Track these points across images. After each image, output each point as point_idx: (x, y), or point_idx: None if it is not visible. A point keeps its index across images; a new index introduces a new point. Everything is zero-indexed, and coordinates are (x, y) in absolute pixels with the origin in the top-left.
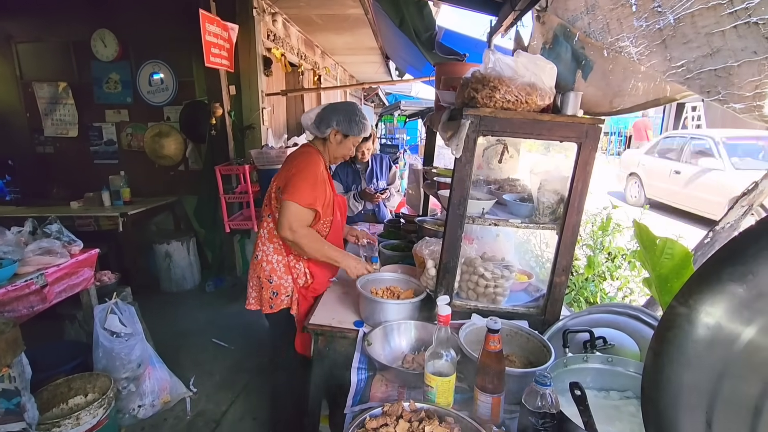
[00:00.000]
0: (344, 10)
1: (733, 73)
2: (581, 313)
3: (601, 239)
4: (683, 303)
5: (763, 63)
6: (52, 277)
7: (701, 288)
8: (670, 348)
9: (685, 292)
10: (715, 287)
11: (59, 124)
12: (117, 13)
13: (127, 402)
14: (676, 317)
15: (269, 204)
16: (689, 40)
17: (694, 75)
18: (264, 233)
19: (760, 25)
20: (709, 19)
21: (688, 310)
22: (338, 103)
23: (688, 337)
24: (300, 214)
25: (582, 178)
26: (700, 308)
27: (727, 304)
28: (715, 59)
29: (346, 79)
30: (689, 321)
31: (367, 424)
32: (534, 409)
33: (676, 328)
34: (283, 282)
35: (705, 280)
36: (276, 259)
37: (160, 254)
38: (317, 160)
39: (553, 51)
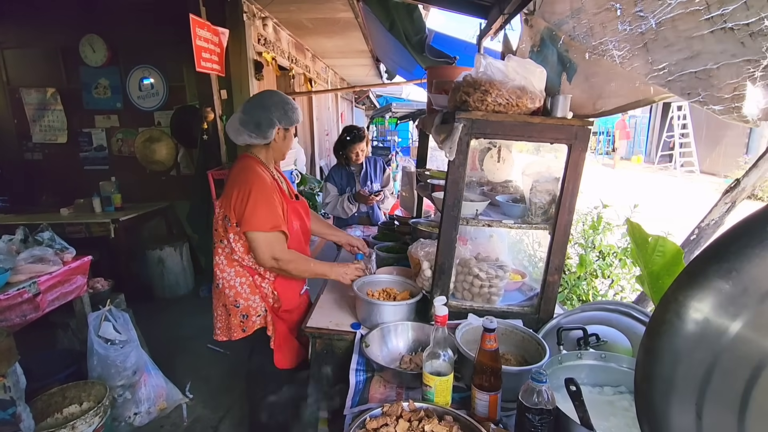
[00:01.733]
0: (334, 14)
1: (712, 75)
2: (574, 311)
3: (592, 238)
4: (673, 300)
5: (741, 65)
6: (44, 285)
7: (689, 285)
8: (661, 343)
9: (674, 289)
10: (702, 284)
11: (48, 131)
12: (106, 18)
13: (123, 410)
14: (666, 313)
15: (217, 230)
16: (670, 44)
17: (675, 77)
18: (221, 260)
19: (735, 31)
20: (689, 23)
21: (677, 306)
22: (260, 98)
23: (678, 332)
24: (272, 241)
25: (573, 179)
26: (688, 304)
27: (714, 299)
28: (695, 62)
29: (337, 82)
30: (678, 316)
31: (368, 424)
32: (531, 406)
33: (667, 323)
34: (252, 303)
35: (693, 278)
36: (239, 282)
37: (153, 260)
38: (260, 174)
39: (540, 54)
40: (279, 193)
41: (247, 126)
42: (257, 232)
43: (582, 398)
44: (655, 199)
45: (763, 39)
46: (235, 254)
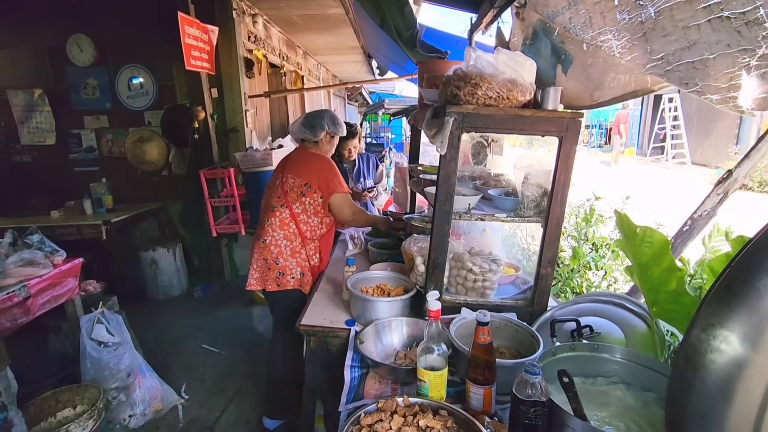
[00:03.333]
0: (325, 10)
1: (709, 65)
2: (568, 304)
3: (585, 230)
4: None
5: (736, 55)
6: (35, 289)
7: (734, 304)
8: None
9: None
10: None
11: (36, 132)
12: (93, 17)
13: (118, 412)
14: (710, 339)
15: (283, 195)
16: (668, 33)
17: (673, 67)
18: (274, 221)
19: (731, 19)
20: (685, 12)
21: (722, 329)
22: (319, 110)
23: (729, 360)
24: (350, 201)
25: (564, 172)
26: (734, 327)
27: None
28: (692, 52)
29: (329, 79)
30: (727, 342)
31: (362, 420)
32: (524, 398)
33: (713, 351)
34: (289, 264)
35: (737, 294)
36: (284, 244)
37: (146, 261)
38: (326, 155)
39: (533, 47)
40: None
41: (305, 126)
42: (343, 194)
43: (575, 389)
44: (648, 191)
45: (759, 28)
46: (293, 220)
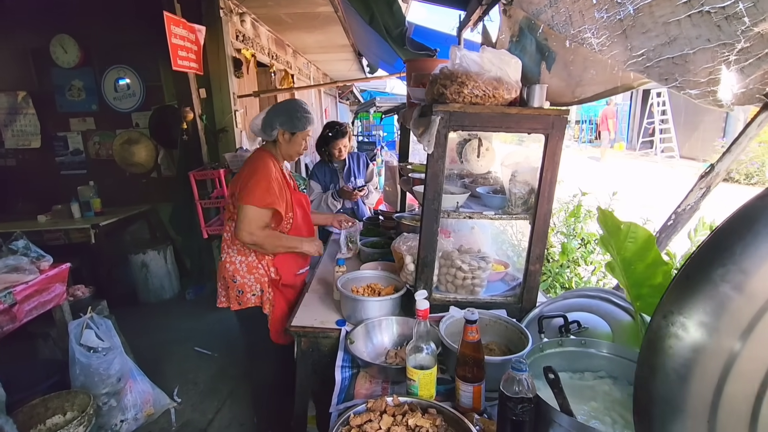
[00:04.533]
0: (313, 9)
1: (689, 60)
2: (556, 299)
3: (573, 226)
4: (676, 311)
5: (716, 50)
6: (21, 296)
7: (692, 293)
8: (666, 360)
9: (675, 298)
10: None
11: (20, 135)
12: (77, 17)
13: (109, 418)
14: (669, 326)
15: (228, 209)
16: (648, 30)
17: (653, 63)
18: (227, 237)
19: (712, 14)
20: (665, 8)
21: (681, 317)
22: (280, 103)
23: (685, 346)
24: (257, 217)
25: (551, 168)
26: (693, 315)
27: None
28: (672, 47)
29: (319, 77)
30: (685, 328)
31: (352, 421)
32: (512, 395)
33: (672, 338)
34: (247, 281)
35: (695, 284)
36: (239, 260)
37: (136, 264)
38: (268, 163)
39: (519, 43)
40: (285, 183)
41: (262, 124)
42: (251, 206)
43: (561, 385)
44: (637, 186)
45: (738, 22)
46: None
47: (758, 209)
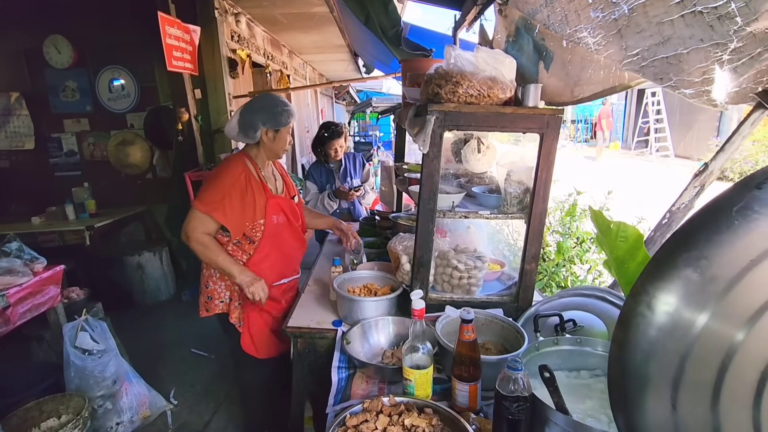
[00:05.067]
0: (309, 9)
1: (683, 60)
2: (552, 298)
3: (569, 225)
4: (643, 291)
5: (709, 50)
6: (14, 298)
7: (658, 275)
8: (633, 336)
9: (643, 280)
10: (671, 274)
11: (14, 137)
12: (70, 17)
13: (105, 420)
14: (637, 306)
15: None
16: (642, 30)
17: (648, 63)
18: None
19: (704, 14)
20: (659, 8)
21: (647, 297)
22: (253, 101)
23: (650, 324)
24: (196, 220)
25: (546, 168)
26: (658, 295)
27: (684, 289)
28: (666, 47)
29: (315, 78)
30: (650, 308)
31: (348, 421)
32: (507, 394)
33: (638, 316)
34: (217, 288)
35: (661, 267)
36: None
37: (132, 266)
38: (234, 168)
39: (516, 43)
40: (256, 189)
41: (240, 127)
42: (193, 209)
43: (556, 384)
44: (632, 185)
45: (730, 22)
46: None
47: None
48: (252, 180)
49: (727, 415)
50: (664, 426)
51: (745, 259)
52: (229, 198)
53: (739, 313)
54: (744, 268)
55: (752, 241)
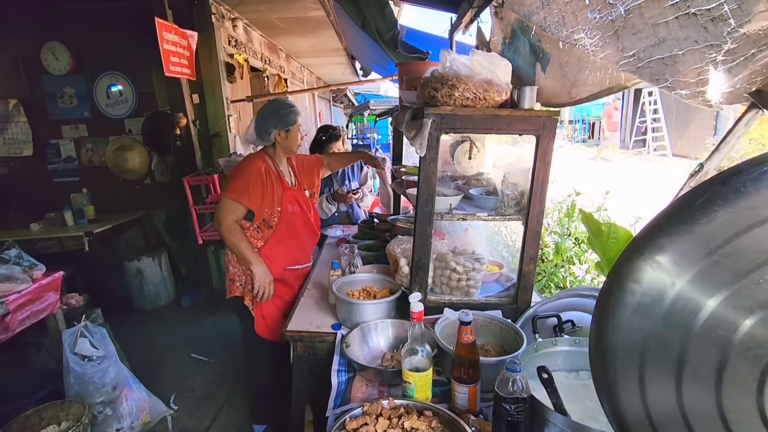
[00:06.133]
0: (305, 13)
1: (678, 61)
2: (551, 299)
3: (567, 225)
4: (616, 273)
5: (703, 51)
6: (13, 305)
7: (629, 260)
8: (606, 314)
9: (618, 264)
10: (639, 257)
11: (12, 144)
12: (67, 24)
13: (105, 426)
14: (610, 287)
15: None
16: (638, 31)
17: (644, 64)
18: None
19: (698, 16)
20: (654, 10)
21: (619, 279)
22: (264, 108)
23: (620, 303)
24: (227, 208)
25: (542, 169)
26: (628, 277)
27: (650, 272)
28: (662, 48)
29: (313, 81)
30: (620, 289)
31: (348, 425)
32: (506, 396)
33: (610, 296)
34: (236, 271)
35: (632, 253)
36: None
37: (131, 272)
38: (255, 161)
39: (512, 45)
40: (274, 181)
41: (257, 134)
42: (223, 197)
43: (554, 385)
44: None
45: (724, 24)
46: None
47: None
48: (271, 173)
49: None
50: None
51: (706, 248)
52: (253, 186)
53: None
54: (704, 255)
55: (712, 232)
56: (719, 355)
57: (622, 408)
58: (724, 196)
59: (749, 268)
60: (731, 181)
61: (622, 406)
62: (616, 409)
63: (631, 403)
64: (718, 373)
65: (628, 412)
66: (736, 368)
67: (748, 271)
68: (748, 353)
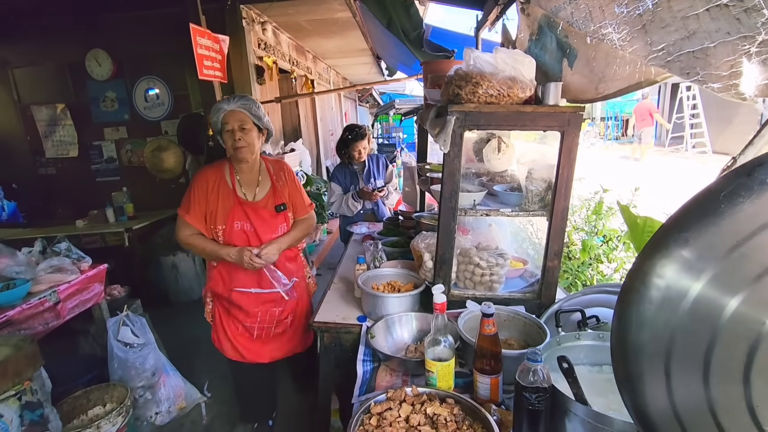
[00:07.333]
0: (332, 15)
1: (709, 54)
2: (576, 295)
3: (594, 223)
4: (639, 269)
5: (736, 43)
6: (64, 294)
7: (653, 254)
8: (630, 309)
9: (641, 259)
10: (663, 253)
11: (59, 145)
12: (109, 32)
13: (145, 410)
14: (633, 281)
15: None
16: (667, 24)
17: (674, 58)
18: None
19: (730, 7)
20: (683, 3)
21: (642, 274)
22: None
23: (644, 298)
24: (178, 222)
25: (567, 165)
26: (652, 272)
27: (674, 266)
28: (692, 41)
29: (339, 82)
30: (644, 284)
31: (373, 409)
32: (527, 385)
33: (633, 291)
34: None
35: (655, 248)
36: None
37: (167, 266)
38: (204, 173)
39: (539, 42)
40: (222, 194)
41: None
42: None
43: (575, 375)
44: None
45: (757, 14)
46: None
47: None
48: (222, 185)
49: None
50: (661, 400)
51: (731, 241)
52: (196, 200)
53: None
54: (730, 248)
55: (737, 224)
56: (747, 349)
57: (647, 404)
58: (749, 188)
59: None
60: (756, 172)
61: (647, 401)
62: (640, 405)
63: (656, 398)
64: (747, 367)
65: (653, 407)
66: (764, 363)
67: None
68: None
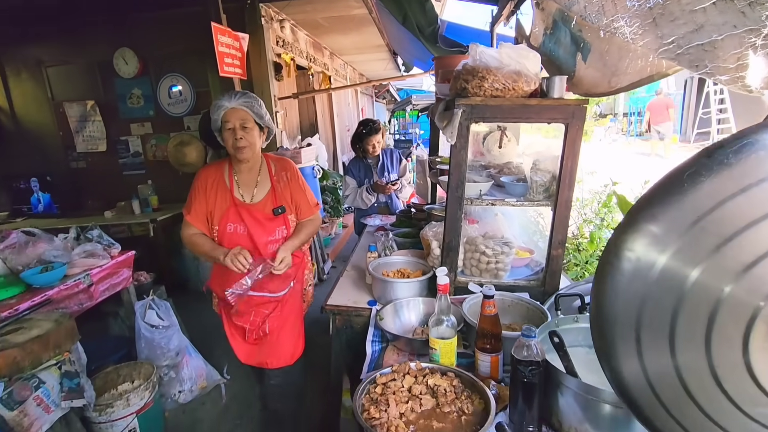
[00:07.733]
0: (349, 11)
1: (717, 46)
2: (579, 283)
3: (604, 216)
4: (612, 243)
5: (742, 36)
6: (96, 277)
7: (624, 229)
8: (604, 282)
9: (614, 235)
10: (633, 227)
11: (89, 140)
12: (136, 31)
13: (169, 387)
14: (608, 256)
15: None
16: (676, 18)
17: (684, 50)
18: None
19: (734, 1)
20: None
21: (615, 248)
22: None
23: (616, 271)
24: (183, 223)
25: (571, 156)
26: (623, 246)
27: (643, 240)
28: (700, 34)
29: (355, 78)
30: (617, 257)
31: (378, 379)
32: (522, 359)
33: (608, 264)
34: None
35: (627, 223)
36: None
37: (189, 256)
38: (204, 171)
39: (553, 36)
40: (219, 194)
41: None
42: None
43: (566, 348)
44: None
45: (762, 8)
46: None
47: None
48: (220, 185)
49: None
50: (634, 367)
51: (693, 216)
52: (196, 200)
53: (688, 261)
54: (692, 222)
55: (698, 201)
56: (708, 314)
57: (622, 372)
58: (709, 167)
59: (733, 233)
60: (715, 154)
61: (622, 369)
62: (617, 373)
63: (629, 366)
64: (707, 331)
65: (628, 375)
66: (723, 327)
67: (732, 236)
68: (733, 313)
